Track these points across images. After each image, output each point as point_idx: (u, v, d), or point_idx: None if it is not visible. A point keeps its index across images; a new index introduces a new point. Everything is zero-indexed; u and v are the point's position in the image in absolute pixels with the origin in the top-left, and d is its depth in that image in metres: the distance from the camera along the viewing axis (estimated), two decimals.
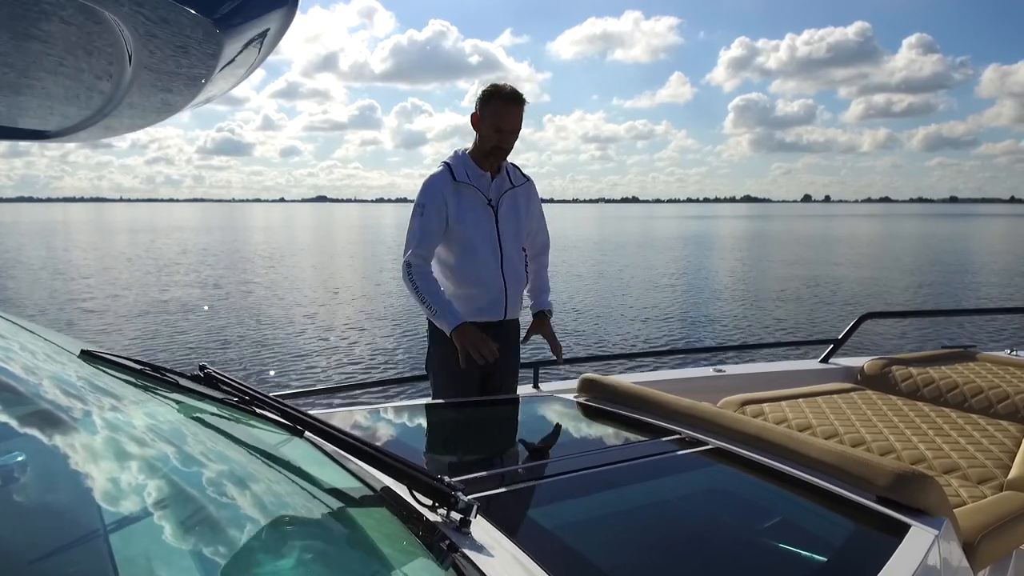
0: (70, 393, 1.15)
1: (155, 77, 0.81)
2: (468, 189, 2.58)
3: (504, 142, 2.55)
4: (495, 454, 1.84)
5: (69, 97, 0.90)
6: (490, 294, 2.62)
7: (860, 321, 3.84)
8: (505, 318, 2.67)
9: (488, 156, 2.58)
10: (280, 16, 0.78)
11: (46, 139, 1.09)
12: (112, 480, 0.89)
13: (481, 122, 2.55)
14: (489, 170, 2.61)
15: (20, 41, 0.69)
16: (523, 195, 2.72)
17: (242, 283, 19.66)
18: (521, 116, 2.56)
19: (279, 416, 1.20)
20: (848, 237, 48.68)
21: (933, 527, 1.36)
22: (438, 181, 2.58)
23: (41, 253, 29.20)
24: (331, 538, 0.95)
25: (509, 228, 2.65)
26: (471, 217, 2.58)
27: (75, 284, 18.67)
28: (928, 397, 3.08)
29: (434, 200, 2.55)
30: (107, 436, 1.00)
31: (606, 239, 45.22)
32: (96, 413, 1.07)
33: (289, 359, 10.16)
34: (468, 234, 2.58)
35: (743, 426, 1.77)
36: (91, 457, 0.93)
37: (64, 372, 1.25)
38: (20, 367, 1.22)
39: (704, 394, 2.83)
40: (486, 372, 2.59)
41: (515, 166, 2.74)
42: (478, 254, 2.59)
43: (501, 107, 2.52)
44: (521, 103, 2.54)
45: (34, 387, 1.13)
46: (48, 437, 0.96)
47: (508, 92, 2.52)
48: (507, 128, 2.53)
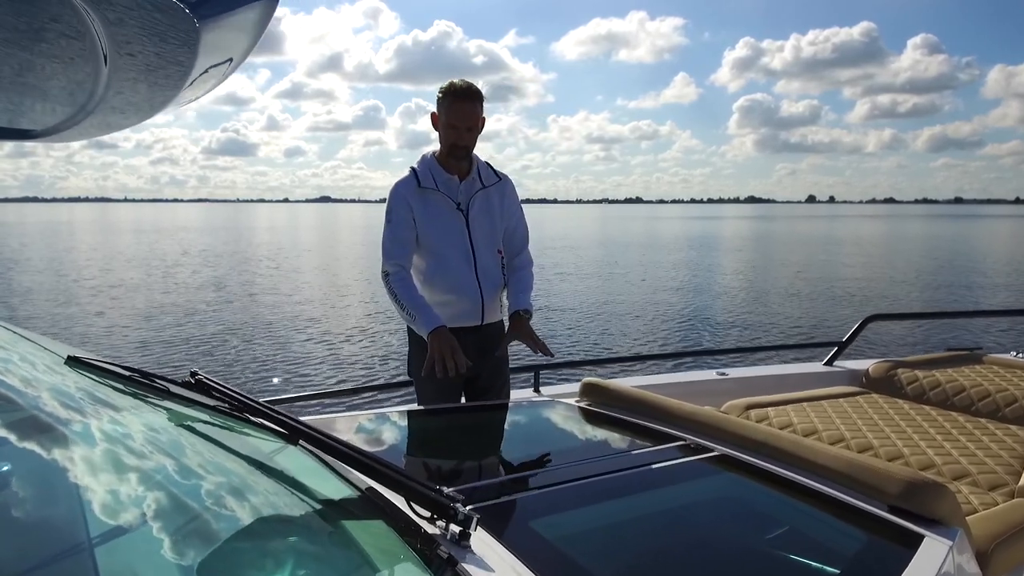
0: (55, 401, 1.12)
1: (134, 71, 0.77)
2: (434, 195, 2.52)
3: (460, 139, 2.46)
4: (495, 462, 1.81)
5: (50, 95, 0.87)
6: (466, 300, 2.56)
7: (865, 323, 3.80)
8: (483, 323, 2.61)
9: (449, 156, 2.51)
10: (262, 3, 0.74)
11: (33, 139, 1.06)
12: (99, 490, 0.87)
13: (439, 121, 2.49)
14: (456, 172, 2.55)
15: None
16: (496, 194, 2.64)
17: (243, 284, 19.72)
18: (477, 112, 2.47)
19: (273, 424, 1.17)
20: (852, 238, 48.64)
21: (947, 537, 1.32)
22: (402, 188, 2.53)
23: (43, 253, 29.30)
24: (326, 551, 0.93)
25: (481, 230, 2.58)
26: (439, 223, 2.52)
27: (76, 286, 18.72)
28: (935, 401, 3.04)
29: (399, 207, 2.50)
30: (94, 445, 0.98)
31: (608, 240, 45.26)
32: (82, 421, 1.05)
33: (290, 362, 10.15)
34: (437, 241, 2.53)
35: (749, 432, 1.74)
36: (77, 467, 0.91)
37: (50, 379, 1.22)
38: (5, 373, 1.19)
39: (707, 398, 2.79)
40: (471, 375, 2.55)
41: (487, 164, 2.67)
42: (450, 260, 2.54)
43: (453, 103, 2.44)
44: (475, 98, 2.46)
45: (18, 394, 1.10)
46: (32, 446, 0.94)
47: (460, 87, 2.45)
48: (462, 124, 2.45)
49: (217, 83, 0.95)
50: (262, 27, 0.82)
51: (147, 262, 26.73)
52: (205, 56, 0.78)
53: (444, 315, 2.50)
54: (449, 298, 2.54)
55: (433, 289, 2.54)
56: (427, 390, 2.56)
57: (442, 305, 2.53)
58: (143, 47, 0.72)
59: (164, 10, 0.65)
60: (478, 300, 2.57)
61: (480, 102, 2.47)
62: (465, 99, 2.45)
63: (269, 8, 0.78)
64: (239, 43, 0.84)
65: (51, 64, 0.77)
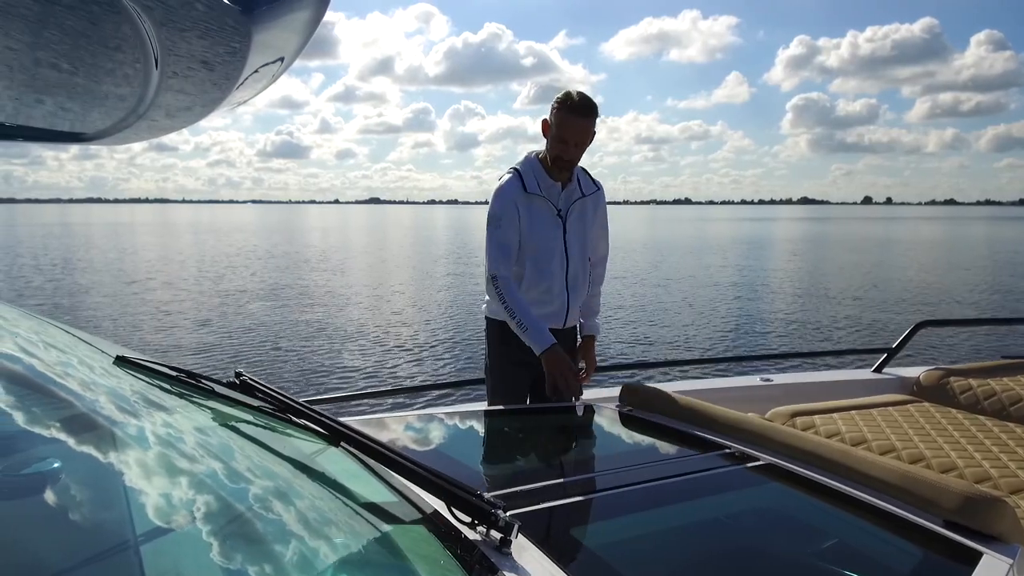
0: (103, 400, 1.15)
1: (185, 73, 0.78)
2: (538, 200, 2.54)
3: (566, 154, 2.46)
4: (536, 467, 1.79)
5: (101, 98, 0.88)
6: (554, 304, 2.62)
7: (916, 329, 3.67)
8: (565, 326, 2.68)
9: (552, 166, 2.52)
10: (313, 4, 0.74)
11: (85, 141, 1.08)
12: (144, 488, 0.89)
13: (549, 130, 2.49)
14: (560, 178, 2.56)
15: (45, 41, 0.67)
16: (592, 204, 2.68)
17: (295, 284, 20.08)
18: (589, 128, 2.46)
19: (314, 425, 1.18)
20: (908, 241, 47.21)
21: (1007, 555, 1.26)
22: (509, 192, 2.53)
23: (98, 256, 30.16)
24: (365, 555, 0.92)
25: (576, 239, 2.63)
26: (540, 229, 2.55)
27: (131, 287, 19.21)
28: (989, 411, 2.91)
29: (507, 212, 2.52)
30: (139, 444, 1.00)
31: (652, 241, 44.74)
32: (129, 421, 1.07)
33: (339, 362, 10.29)
34: (537, 245, 2.56)
35: (796, 441, 1.69)
36: (123, 465, 0.92)
37: (99, 378, 1.25)
38: (56, 372, 1.23)
39: (751, 404, 2.73)
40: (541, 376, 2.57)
41: (585, 171, 2.68)
42: (546, 265, 2.58)
43: (566, 117, 2.43)
44: (590, 115, 2.44)
45: (69, 393, 1.13)
46: (82, 444, 0.96)
47: (576, 102, 2.42)
48: (570, 140, 2.44)
49: (268, 84, 0.95)
50: (314, 26, 0.82)
51: (201, 262, 27.45)
52: (256, 55, 0.78)
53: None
54: (540, 299, 2.60)
55: (525, 289, 2.59)
56: (499, 390, 2.66)
57: (531, 305, 2.56)
58: (194, 47, 0.72)
59: (215, 8, 0.65)
60: (564, 305, 2.64)
61: (595, 118, 2.46)
62: (580, 115, 2.43)
63: (321, 7, 0.78)
64: (290, 42, 0.83)
65: (102, 66, 0.78)
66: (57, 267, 24.50)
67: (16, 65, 0.74)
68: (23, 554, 0.69)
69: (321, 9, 0.77)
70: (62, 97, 0.85)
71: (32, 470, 0.86)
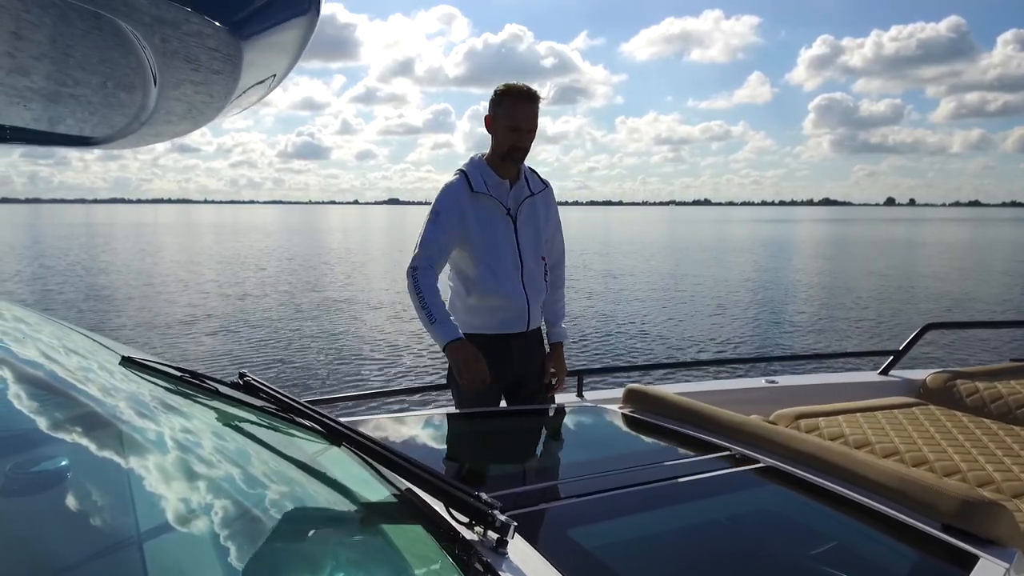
0: (110, 400, 1.17)
1: (183, 88, 0.81)
2: (486, 199, 2.50)
3: (521, 141, 2.44)
4: (535, 468, 1.81)
5: (106, 107, 0.92)
6: (513, 306, 2.55)
7: (923, 331, 3.62)
8: (528, 329, 2.62)
9: (505, 159, 2.49)
10: (302, 23, 0.77)
11: (92, 146, 1.12)
12: (148, 487, 0.91)
13: (495, 123, 2.47)
14: (507, 176, 2.54)
15: (47, 50, 0.71)
16: (542, 202, 2.64)
17: (309, 284, 20.15)
18: (537, 114, 2.46)
19: (316, 425, 1.20)
20: (928, 242, 46.50)
21: (1004, 559, 1.26)
22: (455, 191, 2.50)
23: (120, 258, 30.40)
24: (364, 555, 0.94)
25: (528, 237, 2.58)
26: (490, 228, 2.51)
27: (149, 287, 19.28)
28: (995, 414, 2.88)
29: (450, 210, 2.48)
30: (145, 443, 1.02)
31: (666, 242, 44.44)
32: (133, 421, 1.09)
33: (347, 360, 10.32)
34: (488, 246, 2.51)
35: (798, 443, 1.69)
36: (129, 464, 0.94)
37: (105, 378, 1.28)
38: (63, 372, 1.25)
39: (755, 406, 2.73)
40: (516, 380, 2.56)
41: (533, 171, 2.66)
42: (499, 266, 2.52)
43: (515, 104, 2.42)
44: (536, 100, 2.44)
45: (76, 392, 1.16)
46: (88, 443, 0.98)
47: (522, 89, 2.43)
48: (523, 126, 2.43)
49: (263, 96, 0.99)
50: (303, 44, 0.85)
51: (220, 263, 27.67)
52: (248, 74, 0.81)
53: (491, 321, 2.52)
54: (498, 305, 2.54)
55: (482, 294, 2.53)
56: (465, 396, 2.55)
57: (491, 311, 2.53)
58: (189, 66, 0.76)
59: (207, 33, 0.68)
60: (524, 307, 2.57)
61: (538, 104, 2.46)
62: (529, 100, 2.43)
63: (310, 26, 0.81)
64: (281, 60, 0.86)
65: (106, 80, 0.82)
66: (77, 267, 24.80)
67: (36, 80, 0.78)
68: (31, 551, 0.71)
69: (310, 28, 0.79)
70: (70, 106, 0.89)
71: (38, 468, 0.88)
